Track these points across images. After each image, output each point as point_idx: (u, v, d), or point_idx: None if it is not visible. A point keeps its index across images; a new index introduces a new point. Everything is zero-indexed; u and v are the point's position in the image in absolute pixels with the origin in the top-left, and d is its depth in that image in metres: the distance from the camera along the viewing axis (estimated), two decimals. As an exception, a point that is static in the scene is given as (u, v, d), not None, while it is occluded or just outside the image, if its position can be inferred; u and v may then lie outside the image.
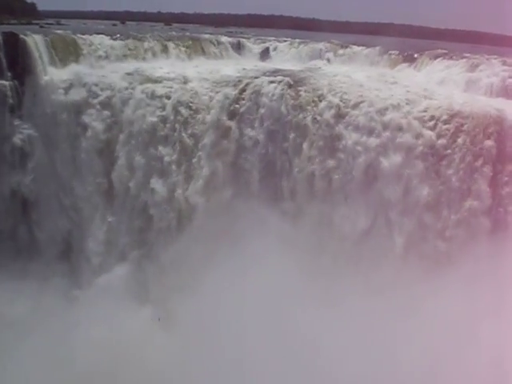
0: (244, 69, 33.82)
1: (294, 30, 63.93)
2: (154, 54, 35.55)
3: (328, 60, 39.98)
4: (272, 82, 29.27)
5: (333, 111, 27.96)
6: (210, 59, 37.94)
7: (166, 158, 28.93)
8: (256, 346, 22.02)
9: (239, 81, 30.04)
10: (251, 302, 23.18)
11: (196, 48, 38.43)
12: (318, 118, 27.94)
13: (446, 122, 26.77)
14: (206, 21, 70.62)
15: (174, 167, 28.96)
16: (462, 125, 26.47)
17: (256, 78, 30.18)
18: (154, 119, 29.03)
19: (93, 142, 29.44)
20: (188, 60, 36.51)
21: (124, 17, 67.18)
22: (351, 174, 27.08)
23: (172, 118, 29.02)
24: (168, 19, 67.66)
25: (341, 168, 27.32)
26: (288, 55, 41.47)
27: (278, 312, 23.00)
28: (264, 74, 30.86)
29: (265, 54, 41.54)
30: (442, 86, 32.43)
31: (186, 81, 30.41)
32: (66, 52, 31.80)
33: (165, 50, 36.30)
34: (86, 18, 67.31)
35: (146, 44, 35.74)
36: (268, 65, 37.92)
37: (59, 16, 61.22)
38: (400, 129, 26.97)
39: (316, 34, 53.64)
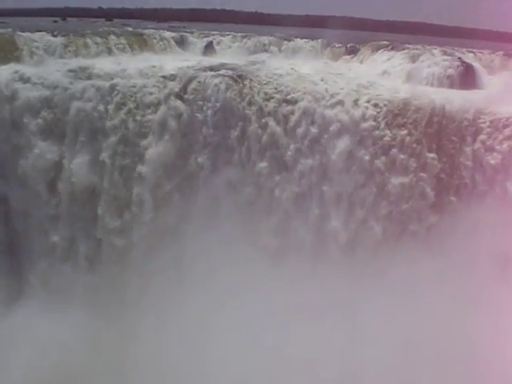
0: (188, 63, 33.63)
1: (237, 24, 63.85)
2: (97, 50, 35.10)
3: (272, 53, 40.07)
4: (216, 76, 29.17)
5: (278, 104, 28.11)
6: (153, 54, 37.56)
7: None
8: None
9: (183, 76, 29.84)
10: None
11: (139, 43, 38.07)
12: (264, 111, 28.04)
13: (389, 113, 27.18)
14: (149, 16, 70.01)
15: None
16: (405, 115, 26.92)
17: (200, 72, 30.04)
18: (97, 116, 28.58)
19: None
20: (131, 55, 36.10)
21: (65, 13, 66.12)
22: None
23: (116, 114, 28.61)
24: (109, 15, 66.79)
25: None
26: (232, 49, 41.45)
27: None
28: (208, 69, 30.71)
29: (209, 49, 41.41)
30: (384, 77, 32.88)
31: (129, 77, 30.04)
32: (5, 50, 31.14)
33: (107, 45, 35.85)
34: (25, 15, 65.98)
35: (87, 40, 35.24)
36: (212, 59, 37.73)
37: (-4, 13, 59.92)
38: (344, 120, 27.29)
39: (259, 28, 53.77)
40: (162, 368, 23.36)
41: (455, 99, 27.56)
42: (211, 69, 30.63)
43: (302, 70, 32.17)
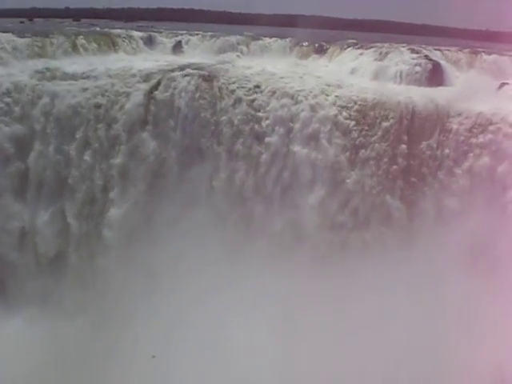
0: (157, 63, 33.52)
1: (206, 23, 63.73)
2: (64, 51, 34.67)
3: (241, 53, 40.03)
4: (186, 75, 29.11)
5: (248, 103, 28.16)
6: (121, 54, 37.35)
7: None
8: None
9: (152, 76, 29.74)
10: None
11: (107, 43, 37.75)
12: (235, 110, 28.06)
13: (357, 111, 27.42)
14: (116, 15, 69.45)
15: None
16: (373, 113, 27.18)
17: (169, 72, 29.97)
18: (64, 118, 28.20)
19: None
20: (99, 56, 35.79)
21: (31, 14, 65.37)
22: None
23: (85, 116, 28.21)
24: (77, 15, 66.11)
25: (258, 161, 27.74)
26: (201, 49, 41.27)
27: None
28: (177, 68, 30.65)
29: (177, 48, 41.21)
30: (352, 75, 33.07)
31: (97, 77, 29.83)
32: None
33: (74, 46, 35.47)
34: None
35: (54, 41, 34.84)
36: (181, 59, 37.61)
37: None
38: (313, 118, 27.45)
39: (228, 27, 53.72)
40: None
41: (423, 96, 27.85)
42: (180, 68, 30.57)
43: (271, 69, 32.23)
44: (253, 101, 28.19)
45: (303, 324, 22.94)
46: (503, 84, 29.90)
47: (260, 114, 27.94)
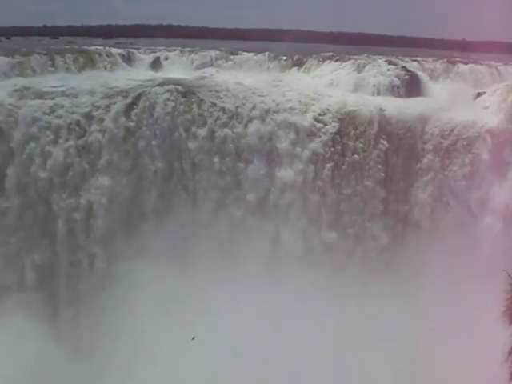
0: (135, 80, 33.51)
1: (184, 38, 63.79)
2: (42, 69, 34.60)
3: (219, 67, 40.14)
4: (164, 91, 29.15)
5: (227, 118, 28.27)
6: (100, 71, 37.28)
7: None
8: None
9: (131, 92, 29.75)
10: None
11: (85, 61, 37.66)
12: (214, 125, 28.14)
13: (337, 123, 27.63)
14: (94, 33, 69.31)
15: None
16: (353, 124, 27.40)
17: (148, 88, 29.98)
18: (45, 137, 27.96)
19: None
20: (78, 73, 35.70)
21: (9, 32, 65.13)
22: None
23: (65, 135, 27.98)
24: (54, 33, 65.95)
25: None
26: (179, 64, 41.29)
27: None
28: (156, 84, 30.68)
29: (156, 64, 41.22)
30: (331, 87, 33.23)
31: (76, 95, 29.74)
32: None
33: (53, 64, 35.39)
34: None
35: (32, 59, 34.75)
36: (159, 75, 37.69)
37: None
38: (293, 131, 27.66)
39: (206, 42, 53.81)
40: None
41: (400, 107, 28.11)
42: (159, 84, 30.61)
43: (250, 83, 32.33)
44: (232, 116, 28.29)
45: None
46: (480, 93, 30.20)
47: (239, 129, 28.06)
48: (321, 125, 27.85)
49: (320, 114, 28.18)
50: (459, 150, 25.99)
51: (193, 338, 23.90)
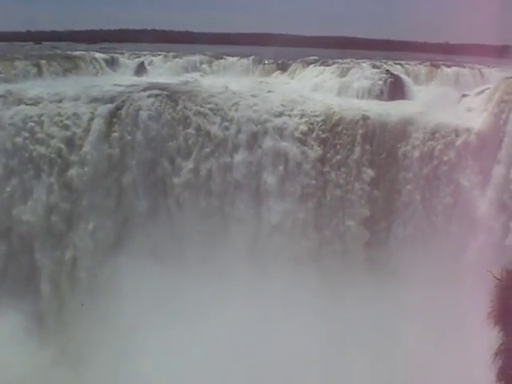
0: (120, 85, 33.41)
1: (168, 43, 63.72)
2: (26, 74, 34.41)
3: (204, 72, 40.15)
4: (149, 96, 29.11)
5: (213, 122, 28.28)
6: (84, 76, 37.11)
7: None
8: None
9: (116, 97, 29.65)
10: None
11: (69, 66, 37.53)
12: (200, 129, 28.16)
13: (322, 127, 27.69)
14: (78, 38, 69.04)
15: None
16: (338, 127, 27.47)
17: (133, 93, 29.92)
18: (28, 142, 27.50)
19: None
20: (62, 78, 35.55)
21: (-9, 37, 64.89)
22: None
23: (48, 140, 27.66)
24: (38, 38, 65.70)
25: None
26: (163, 69, 41.28)
27: None
28: (141, 89, 30.60)
29: (140, 69, 41.15)
30: (315, 91, 33.34)
31: (60, 100, 29.58)
32: None
33: (37, 69, 35.20)
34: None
35: (16, 64, 34.58)
36: (144, 79, 37.59)
37: None
38: (280, 134, 27.70)
39: (190, 47, 53.77)
40: None
41: (384, 110, 28.22)
42: (143, 89, 30.54)
43: (235, 87, 32.34)
44: (217, 120, 28.32)
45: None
46: (463, 95, 30.38)
47: (225, 133, 28.09)
48: (305, 127, 27.97)
49: (305, 117, 28.28)
50: (443, 152, 26.04)
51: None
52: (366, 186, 26.94)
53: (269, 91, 31.76)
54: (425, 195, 26.18)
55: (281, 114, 28.44)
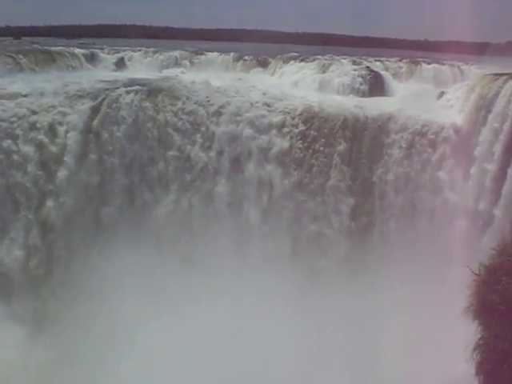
0: (100, 80, 33.18)
1: (148, 38, 63.56)
2: (4, 69, 34.09)
3: (184, 68, 40.08)
4: (129, 92, 28.96)
5: (192, 118, 28.23)
6: (64, 72, 36.81)
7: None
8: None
9: (95, 93, 29.44)
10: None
11: (49, 61, 37.26)
12: (181, 125, 28.10)
13: (302, 122, 27.74)
14: (57, 33, 68.62)
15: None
16: (318, 123, 27.54)
17: (113, 89, 29.74)
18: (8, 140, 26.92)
19: None
20: (41, 74, 35.22)
21: (-30, 33, 64.40)
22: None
23: (27, 137, 27.09)
24: (17, 33, 65.22)
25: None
26: (144, 64, 41.19)
27: None
28: (121, 85, 30.44)
29: (120, 65, 40.98)
30: (296, 87, 33.40)
31: (40, 96, 29.28)
32: None
33: (16, 64, 34.90)
34: None
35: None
36: (124, 75, 37.33)
37: None
38: (261, 130, 27.72)
39: (171, 43, 53.65)
40: None
41: (364, 107, 28.32)
42: (123, 85, 30.38)
43: (215, 83, 32.26)
44: (197, 116, 28.26)
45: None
46: (443, 92, 30.57)
47: (203, 128, 28.06)
48: (287, 123, 28.00)
49: (285, 113, 28.30)
50: (423, 148, 26.17)
51: None
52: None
53: (249, 87, 31.69)
54: (404, 191, 26.29)
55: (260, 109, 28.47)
